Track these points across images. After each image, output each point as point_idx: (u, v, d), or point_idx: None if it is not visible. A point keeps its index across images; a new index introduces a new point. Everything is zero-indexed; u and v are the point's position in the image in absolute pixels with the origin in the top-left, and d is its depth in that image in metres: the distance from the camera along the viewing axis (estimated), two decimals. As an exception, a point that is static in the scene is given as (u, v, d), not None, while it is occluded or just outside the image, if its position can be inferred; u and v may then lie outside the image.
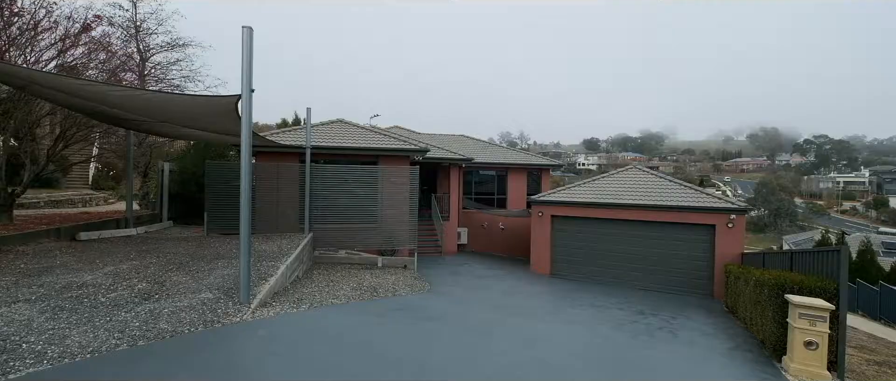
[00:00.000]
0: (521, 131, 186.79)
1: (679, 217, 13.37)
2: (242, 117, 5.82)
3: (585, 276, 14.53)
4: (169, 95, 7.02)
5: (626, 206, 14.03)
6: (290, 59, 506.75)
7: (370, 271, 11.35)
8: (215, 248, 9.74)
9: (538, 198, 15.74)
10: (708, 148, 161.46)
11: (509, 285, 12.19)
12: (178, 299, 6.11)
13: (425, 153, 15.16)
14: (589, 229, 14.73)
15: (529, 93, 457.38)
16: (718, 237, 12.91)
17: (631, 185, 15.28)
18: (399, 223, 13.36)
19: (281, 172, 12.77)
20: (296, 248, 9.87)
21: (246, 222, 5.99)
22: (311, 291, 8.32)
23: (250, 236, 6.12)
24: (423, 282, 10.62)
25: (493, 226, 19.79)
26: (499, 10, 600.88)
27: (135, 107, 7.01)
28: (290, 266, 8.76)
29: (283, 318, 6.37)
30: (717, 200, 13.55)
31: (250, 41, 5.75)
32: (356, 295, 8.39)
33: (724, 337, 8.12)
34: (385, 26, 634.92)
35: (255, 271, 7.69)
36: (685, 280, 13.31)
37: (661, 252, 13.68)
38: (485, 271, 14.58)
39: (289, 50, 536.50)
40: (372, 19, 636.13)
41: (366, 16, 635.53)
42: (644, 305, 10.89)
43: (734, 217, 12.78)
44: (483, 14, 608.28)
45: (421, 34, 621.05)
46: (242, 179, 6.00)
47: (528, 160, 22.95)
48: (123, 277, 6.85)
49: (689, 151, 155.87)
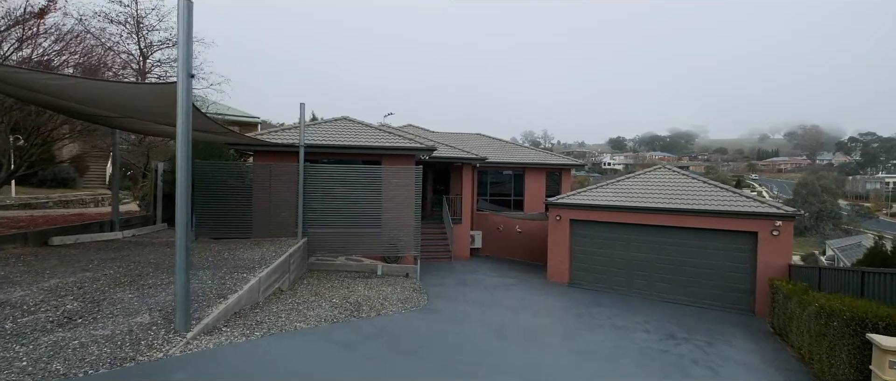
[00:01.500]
0: (544, 131, 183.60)
1: (714, 223, 11.85)
2: (179, 107, 4.86)
3: (607, 286, 13.14)
4: (111, 83, 6.18)
5: (653, 210, 12.58)
6: (300, 59, 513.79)
7: (366, 281, 10.32)
8: (190, 256, 8.83)
9: (556, 200, 14.42)
10: (741, 147, 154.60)
11: (520, 298, 10.94)
12: (104, 324, 5.17)
13: (432, 152, 14.06)
14: (612, 234, 13.34)
15: (551, 91, 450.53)
16: (761, 246, 11.34)
17: (659, 186, 13.79)
18: (402, 228, 12.32)
19: (274, 172, 11.90)
20: (279, 256, 8.92)
21: (183, 228, 5.01)
22: (280, 309, 7.26)
23: (188, 249, 5.12)
24: (421, 295, 9.52)
25: (509, 229, 18.53)
26: (501, 9, 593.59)
27: (83, 98, 6.20)
28: (266, 279, 7.80)
29: (222, 351, 5.28)
30: (759, 203, 11.95)
31: (188, 15, 4.76)
32: (332, 315, 7.29)
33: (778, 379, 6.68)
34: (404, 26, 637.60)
35: (218, 287, 6.75)
36: (720, 294, 11.79)
37: (692, 262, 12.18)
38: (496, 279, 13.36)
39: (298, 49, 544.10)
40: (379, 16, 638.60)
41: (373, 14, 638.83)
42: (674, 324, 9.49)
43: (780, 224, 11.19)
44: (491, 14, 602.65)
45: (440, 35, 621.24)
46: (179, 178, 5.04)
47: (547, 159, 21.55)
48: (60, 293, 6.00)
49: (722, 150, 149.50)
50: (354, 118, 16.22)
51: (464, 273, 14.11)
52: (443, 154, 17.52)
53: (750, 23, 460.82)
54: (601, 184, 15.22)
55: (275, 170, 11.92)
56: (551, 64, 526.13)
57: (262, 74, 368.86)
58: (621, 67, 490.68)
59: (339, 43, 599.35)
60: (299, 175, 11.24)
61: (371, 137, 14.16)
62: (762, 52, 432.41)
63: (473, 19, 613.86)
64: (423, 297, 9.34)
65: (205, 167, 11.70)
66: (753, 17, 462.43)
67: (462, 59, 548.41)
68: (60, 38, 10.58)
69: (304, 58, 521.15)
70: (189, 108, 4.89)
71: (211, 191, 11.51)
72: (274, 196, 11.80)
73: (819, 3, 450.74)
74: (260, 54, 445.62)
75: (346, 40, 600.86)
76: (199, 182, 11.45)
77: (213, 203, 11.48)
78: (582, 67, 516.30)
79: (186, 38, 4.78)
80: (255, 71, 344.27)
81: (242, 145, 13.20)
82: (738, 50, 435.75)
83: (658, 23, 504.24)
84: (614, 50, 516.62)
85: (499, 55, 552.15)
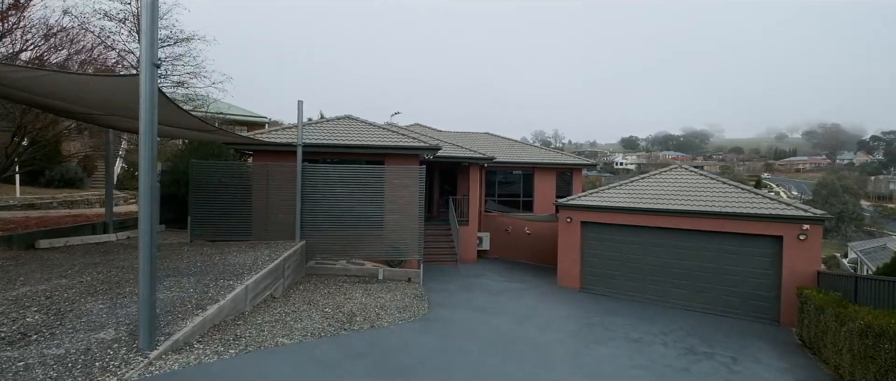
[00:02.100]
0: (555, 131, 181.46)
1: (735, 226, 11.12)
2: (142, 99, 4.38)
3: (620, 292, 12.47)
4: (76, 75, 5.75)
5: (669, 212, 11.88)
6: (309, 59, 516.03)
7: (365, 287, 9.81)
8: (178, 260, 8.42)
9: (566, 201, 13.77)
10: (758, 146, 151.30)
11: (527, 306, 10.33)
12: (61, 341, 4.70)
13: (436, 151, 13.51)
14: (625, 237, 12.65)
15: (560, 90, 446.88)
16: (787, 251, 10.58)
17: (675, 187, 13.07)
18: (404, 230, 11.80)
19: (271, 172, 11.45)
20: (273, 261, 8.46)
21: (147, 236, 4.50)
22: (266, 321, 6.71)
23: (153, 259, 4.59)
24: (421, 302, 8.99)
25: (518, 231, 17.91)
26: (502, 9, 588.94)
27: (55, 93, 5.78)
28: (255, 286, 7.33)
29: (186, 374, 4.69)
30: (785, 205, 11.18)
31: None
32: (321, 328, 6.74)
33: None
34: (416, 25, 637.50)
35: (199, 296, 6.26)
36: (740, 302, 11.06)
37: (711, 267, 11.47)
38: (502, 284, 12.77)
39: (308, 49, 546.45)
40: (379, 16, 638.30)
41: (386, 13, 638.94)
42: (694, 335, 8.82)
43: (808, 227, 10.42)
44: (491, 13, 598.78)
45: (452, 35, 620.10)
46: (142, 178, 4.55)
47: (557, 159, 20.85)
48: (24, 304, 5.55)
49: (737, 149, 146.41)
50: (357, 117, 15.74)
51: (469, 277, 13.55)
52: (449, 154, 16.97)
53: (764, 16, 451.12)
54: (614, 184, 14.52)
55: (272, 170, 11.47)
56: (559, 62, 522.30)
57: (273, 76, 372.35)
58: (635, 59, 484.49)
59: (340, 41, 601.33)
60: (297, 175, 10.78)
61: (373, 136, 13.66)
62: (780, 47, 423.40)
63: (474, 19, 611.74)
64: (424, 305, 8.80)
65: (200, 167, 11.30)
66: (767, 9, 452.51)
67: (471, 59, 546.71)
68: (49, 33, 10.25)
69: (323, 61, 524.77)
70: (154, 100, 4.41)
71: (206, 192, 11.09)
72: (271, 197, 11.36)
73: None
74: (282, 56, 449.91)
75: (345, 39, 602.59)
76: (194, 183, 11.06)
77: (208, 204, 11.07)
78: (592, 66, 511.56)
79: (151, 24, 4.30)
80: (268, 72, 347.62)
81: (238, 145, 12.80)
82: (754, 45, 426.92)
83: (672, 17, 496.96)
84: (625, 46, 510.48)
85: (502, 54, 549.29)
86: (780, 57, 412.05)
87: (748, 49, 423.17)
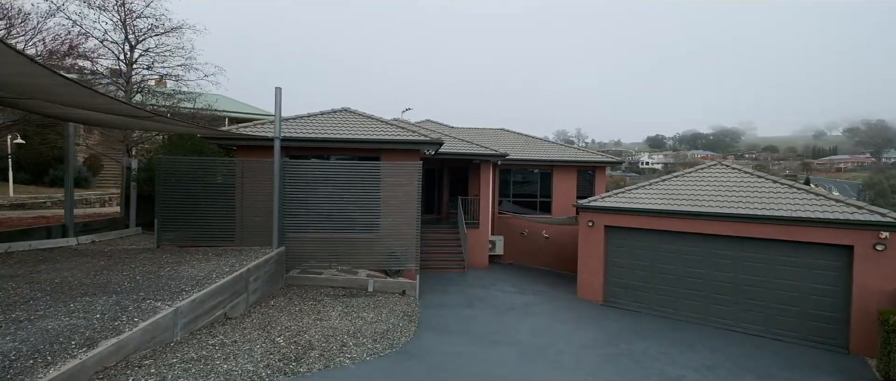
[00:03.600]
0: (577, 129, 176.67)
1: (790, 233, 9.24)
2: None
3: (649, 307, 10.71)
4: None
5: (709, 216, 10.06)
6: (318, 58, 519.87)
7: (346, 303, 8.38)
8: (117, 273, 7.07)
9: (588, 203, 12.06)
10: (793, 145, 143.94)
11: (538, 329, 8.66)
12: None
13: (439, 146, 12.00)
14: (656, 244, 10.88)
15: (585, 87, 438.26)
16: (858, 264, 8.66)
17: (715, 187, 11.20)
18: (399, 235, 10.37)
19: (246, 170, 10.15)
20: (230, 274, 7.11)
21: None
22: (186, 358, 5.16)
23: None
24: (408, 324, 7.50)
25: (535, 234, 16.25)
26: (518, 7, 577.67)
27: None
28: (194, 308, 5.97)
29: None
30: (855, 208, 9.21)
31: None
32: (251, 372, 5.13)
33: None
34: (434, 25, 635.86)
35: (102, 324, 4.85)
36: (798, 323, 9.19)
37: (760, 281, 9.63)
38: (514, 297, 11.16)
39: (318, 48, 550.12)
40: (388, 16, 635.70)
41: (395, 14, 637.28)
42: (745, 368, 7.09)
43: (886, 236, 8.46)
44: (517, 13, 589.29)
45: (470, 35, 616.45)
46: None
47: (578, 156, 19.03)
48: None
49: (772, 148, 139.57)
50: (356, 110, 14.37)
51: (476, 288, 11.99)
52: (457, 150, 15.46)
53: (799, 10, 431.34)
54: (642, 184, 12.70)
55: (247, 167, 10.17)
56: (585, 60, 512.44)
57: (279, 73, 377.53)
58: (665, 53, 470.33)
59: (352, 39, 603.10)
60: (274, 173, 9.44)
61: (368, 129, 12.25)
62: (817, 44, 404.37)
63: (477, 19, 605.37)
64: (411, 328, 7.31)
65: (169, 163, 10.08)
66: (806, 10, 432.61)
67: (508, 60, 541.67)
68: (5, 15, 9.23)
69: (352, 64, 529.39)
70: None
71: (177, 191, 9.86)
72: (247, 198, 10.07)
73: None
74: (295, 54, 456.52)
75: (363, 39, 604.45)
76: (162, 181, 9.85)
77: (179, 205, 9.83)
78: (620, 63, 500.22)
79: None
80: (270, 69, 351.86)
81: (213, 139, 11.58)
82: (795, 39, 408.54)
83: (702, 7, 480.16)
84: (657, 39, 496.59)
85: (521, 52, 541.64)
86: (817, 53, 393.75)
87: (781, 45, 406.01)
